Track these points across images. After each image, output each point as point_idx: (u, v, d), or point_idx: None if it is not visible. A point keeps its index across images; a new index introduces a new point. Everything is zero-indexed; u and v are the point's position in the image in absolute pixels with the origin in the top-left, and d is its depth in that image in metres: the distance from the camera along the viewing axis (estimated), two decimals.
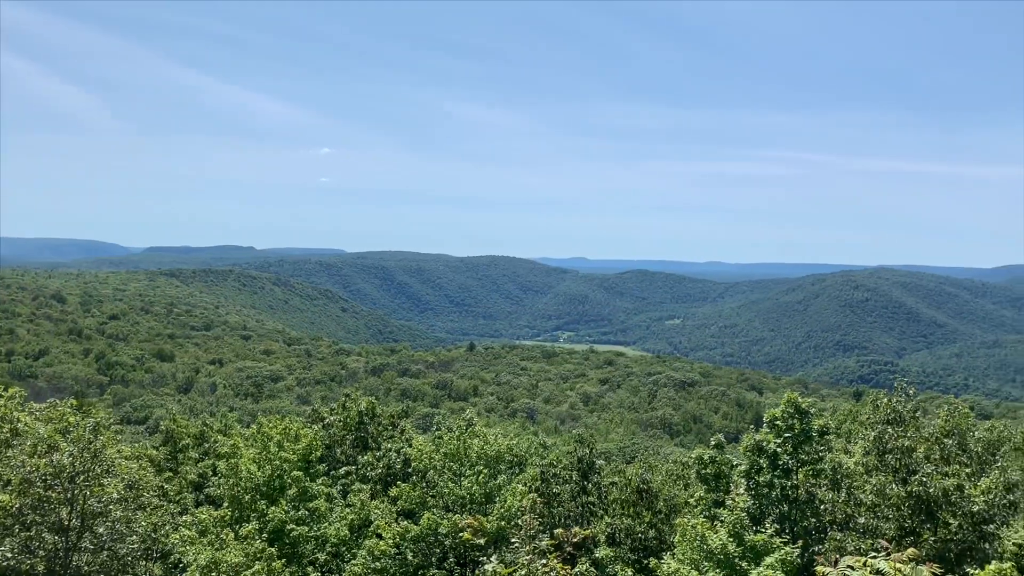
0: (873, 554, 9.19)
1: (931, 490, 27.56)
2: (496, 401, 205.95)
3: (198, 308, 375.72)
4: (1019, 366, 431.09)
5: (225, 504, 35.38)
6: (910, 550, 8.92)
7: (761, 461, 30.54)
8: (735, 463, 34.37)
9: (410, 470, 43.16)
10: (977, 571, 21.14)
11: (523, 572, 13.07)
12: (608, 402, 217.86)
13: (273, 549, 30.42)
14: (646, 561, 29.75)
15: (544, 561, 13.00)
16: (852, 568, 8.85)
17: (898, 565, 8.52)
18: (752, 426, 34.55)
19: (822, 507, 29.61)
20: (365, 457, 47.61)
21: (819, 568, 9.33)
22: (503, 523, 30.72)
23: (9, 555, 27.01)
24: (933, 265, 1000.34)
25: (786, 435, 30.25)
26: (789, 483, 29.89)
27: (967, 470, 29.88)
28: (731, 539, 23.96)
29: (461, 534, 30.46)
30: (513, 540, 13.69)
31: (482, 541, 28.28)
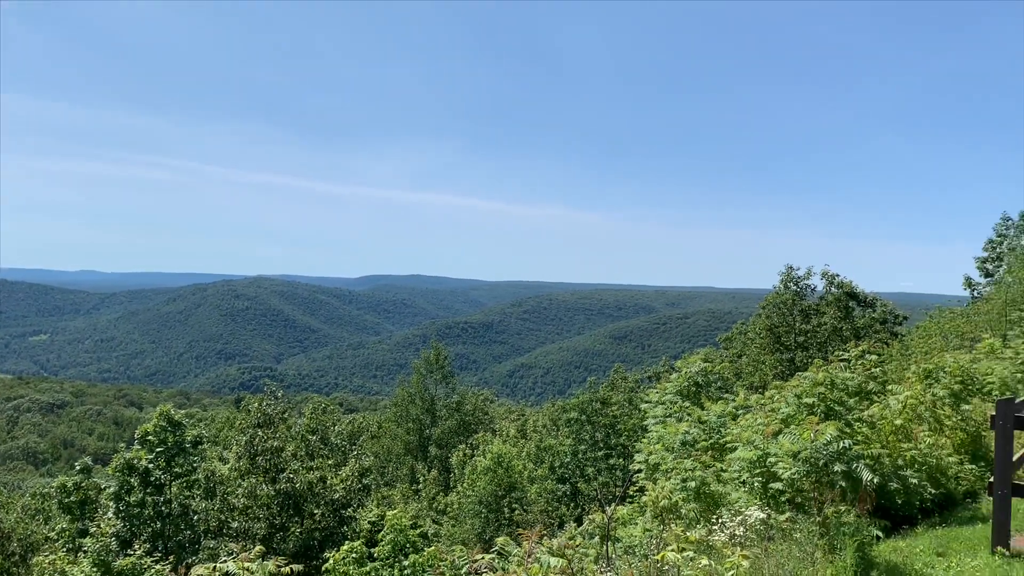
0: (224, 558, 9.39)
1: (298, 485, 29.66)
2: None
3: None
4: (379, 363, 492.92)
5: None
6: (257, 547, 9.35)
7: (132, 480, 29.15)
8: (104, 486, 32.17)
9: None
10: (334, 552, 23.41)
11: None
12: None
13: None
14: None
15: None
16: None
17: (245, 564, 8.84)
18: (125, 444, 32.74)
19: (196, 517, 29.49)
20: None
21: None
22: None
23: None
24: (307, 275, 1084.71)
25: (158, 449, 29.50)
26: (162, 498, 29.09)
27: (330, 462, 32.95)
28: (96, 568, 22.30)
29: None
30: None
31: None
